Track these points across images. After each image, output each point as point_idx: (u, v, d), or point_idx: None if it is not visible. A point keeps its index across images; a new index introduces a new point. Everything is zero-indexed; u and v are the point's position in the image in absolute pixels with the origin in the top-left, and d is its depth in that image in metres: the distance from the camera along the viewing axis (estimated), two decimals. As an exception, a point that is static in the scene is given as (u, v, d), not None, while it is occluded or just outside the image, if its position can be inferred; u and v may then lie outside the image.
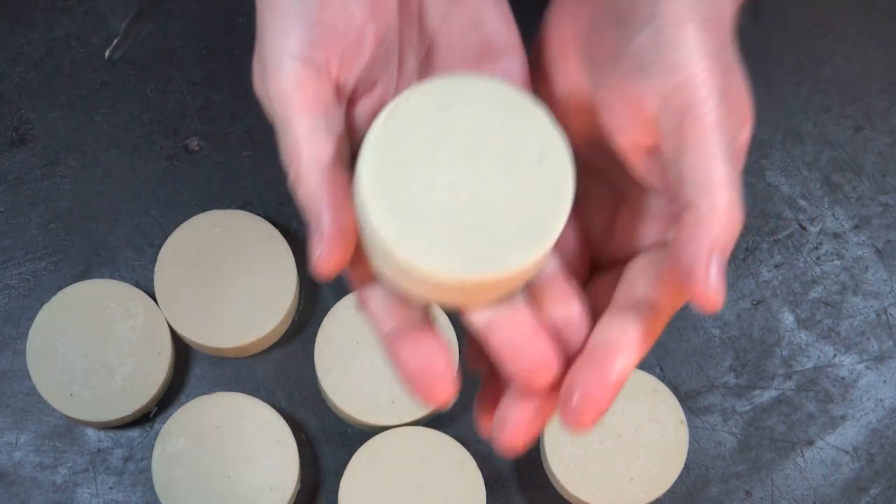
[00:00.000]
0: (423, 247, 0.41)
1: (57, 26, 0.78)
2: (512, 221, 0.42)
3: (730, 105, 0.42)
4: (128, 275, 0.75)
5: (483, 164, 0.42)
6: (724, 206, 0.41)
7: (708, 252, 0.41)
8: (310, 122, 0.42)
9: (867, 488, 0.73)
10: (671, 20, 0.42)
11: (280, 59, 0.43)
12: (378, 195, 0.41)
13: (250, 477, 0.70)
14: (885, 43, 0.81)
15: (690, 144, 0.41)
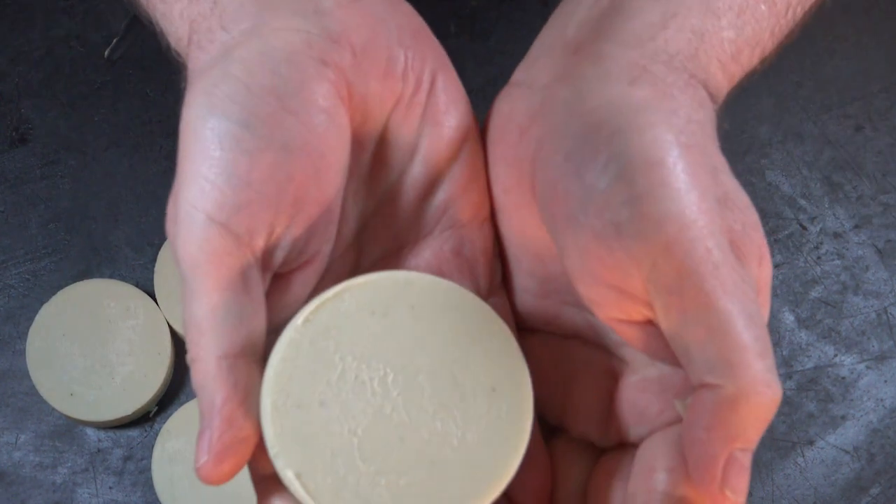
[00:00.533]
0: (326, 496, 0.34)
1: (57, 26, 0.78)
2: (439, 476, 0.34)
3: (739, 247, 0.34)
4: (128, 274, 0.75)
5: (416, 392, 0.35)
6: (752, 384, 0.32)
7: (729, 446, 0.33)
8: (218, 302, 0.35)
9: (867, 488, 0.73)
10: (642, 160, 0.33)
11: (193, 216, 0.35)
12: (277, 424, 0.34)
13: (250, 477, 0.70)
14: (885, 42, 0.81)
15: (695, 317, 0.33)
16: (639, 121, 0.34)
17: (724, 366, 0.32)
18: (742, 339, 0.32)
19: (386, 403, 0.35)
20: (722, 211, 0.34)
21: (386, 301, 0.35)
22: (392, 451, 0.34)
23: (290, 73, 0.35)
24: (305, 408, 0.35)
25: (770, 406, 0.33)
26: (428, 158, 0.39)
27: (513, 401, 0.35)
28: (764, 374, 0.32)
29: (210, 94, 0.35)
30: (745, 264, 0.34)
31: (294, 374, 0.35)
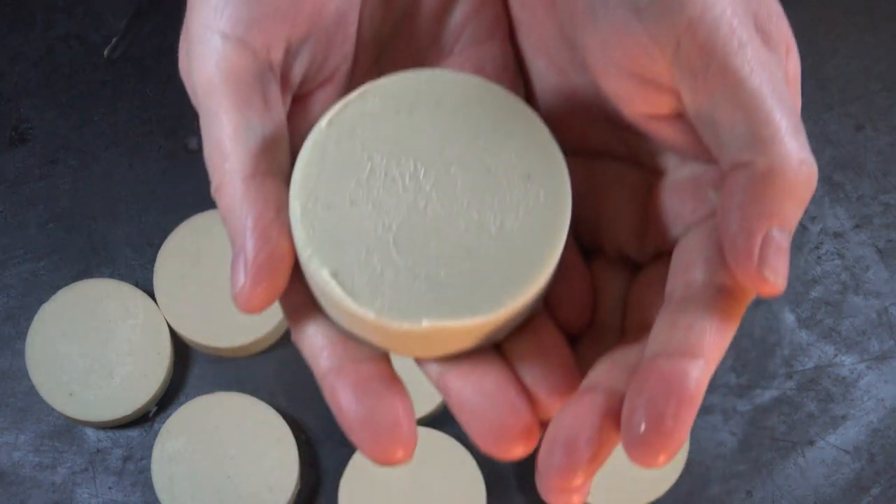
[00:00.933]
0: (364, 293, 0.33)
1: (56, 25, 0.78)
2: (479, 265, 0.33)
3: (766, 31, 0.33)
4: (127, 274, 0.75)
5: (449, 185, 0.34)
6: (786, 158, 0.31)
7: (766, 223, 0.31)
8: (239, 121, 0.33)
9: (868, 488, 0.73)
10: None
11: (208, 37, 0.33)
12: (308, 226, 0.33)
13: (250, 477, 0.70)
14: (886, 42, 0.80)
15: (723, 96, 0.31)
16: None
17: (756, 141, 0.31)
18: (773, 115, 0.31)
19: (419, 197, 0.33)
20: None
21: (411, 98, 0.34)
22: (429, 243, 0.33)
23: None
24: (336, 208, 0.33)
25: (806, 182, 0.31)
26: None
27: (549, 187, 0.34)
28: (798, 150, 0.31)
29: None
30: (772, 49, 0.33)
31: (321, 176, 0.33)
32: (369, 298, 0.32)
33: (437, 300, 0.33)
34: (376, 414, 0.33)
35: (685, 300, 0.32)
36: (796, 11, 0.82)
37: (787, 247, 0.32)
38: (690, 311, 0.32)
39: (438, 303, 0.33)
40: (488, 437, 0.33)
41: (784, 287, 0.32)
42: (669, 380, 0.31)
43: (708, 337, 0.32)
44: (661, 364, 0.31)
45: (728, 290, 0.32)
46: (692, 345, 0.31)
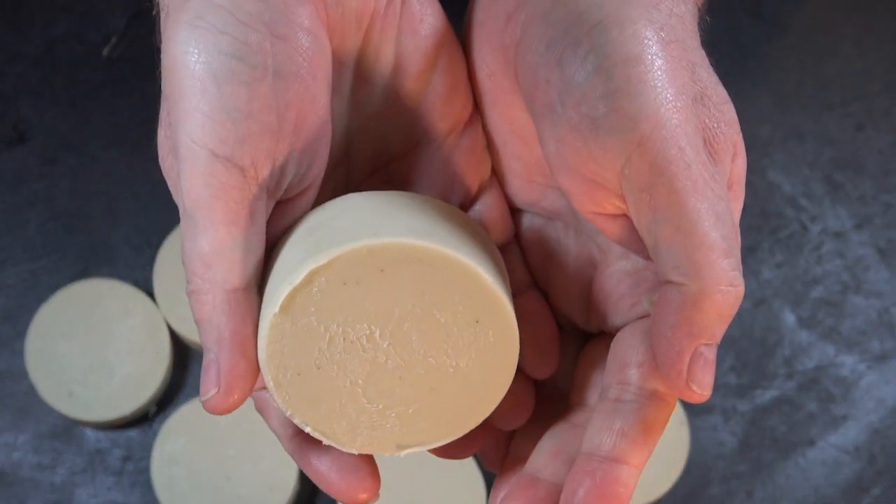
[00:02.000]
0: (346, 436, 0.37)
1: (55, 25, 0.78)
2: (442, 398, 0.37)
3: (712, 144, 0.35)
4: (127, 274, 0.74)
5: (404, 340, 0.36)
6: (716, 284, 0.33)
7: (694, 343, 0.34)
8: (225, 237, 0.35)
9: (868, 488, 0.73)
10: (621, 55, 0.33)
11: (196, 152, 0.35)
12: (283, 392, 0.37)
13: (250, 477, 0.70)
14: (886, 42, 0.80)
15: (665, 216, 0.33)
16: (620, 14, 0.34)
17: (688, 264, 0.33)
18: (708, 239, 0.33)
19: (378, 354, 0.36)
20: (697, 109, 0.34)
21: (354, 271, 0.36)
22: (394, 388, 0.37)
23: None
24: (305, 374, 0.36)
25: (733, 303, 0.34)
26: (408, 70, 0.39)
27: (498, 327, 0.37)
28: (727, 272, 0.33)
29: (195, 26, 0.35)
30: (717, 161, 0.35)
31: (285, 351, 0.36)
32: (350, 438, 0.37)
33: (409, 433, 0.37)
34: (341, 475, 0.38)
35: (620, 402, 0.36)
36: (797, 12, 0.82)
37: (713, 359, 0.34)
38: (624, 417, 0.36)
39: (410, 435, 0.37)
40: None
41: (708, 396, 0.35)
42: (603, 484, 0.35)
43: (637, 446, 0.36)
44: (595, 467, 0.36)
45: (658, 395, 0.36)
46: (623, 452, 0.36)
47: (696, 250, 0.33)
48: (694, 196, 0.33)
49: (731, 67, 0.79)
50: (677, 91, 0.34)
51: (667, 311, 0.34)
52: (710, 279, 0.33)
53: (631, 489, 0.36)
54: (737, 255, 0.34)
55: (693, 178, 0.34)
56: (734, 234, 0.34)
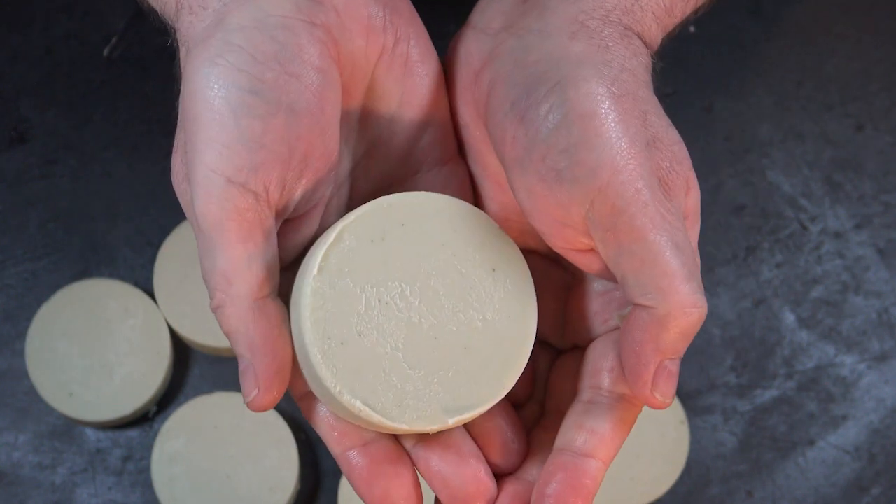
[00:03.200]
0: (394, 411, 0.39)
1: (56, 25, 0.78)
2: (477, 358, 0.39)
3: (666, 182, 0.39)
4: (127, 274, 0.74)
5: (433, 295, 0.39)
6: (679, 307, 0.38)
7: (659, 358, 0.38)
8: (242, 254, 0.39)
9: (868, 488, 0.73)
10: (578, 112, 0.38)
11: (213, 179, 0.38)
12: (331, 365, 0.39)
13: (250, 477, 0.70)
14: (886, 42, 0.80)
15: (629, 249, 0.38)
16: (575, 75, 0.38)
17: (654, 291, 0.37)
18: (670, 267, 0.37)
19: (412, 314, 0.39)
20: (650, 152, 0.38)
21: (379, 227, 0.39)
22: (432, 351, 0.39)
23: (286, 39, 0.39)
24: (349, 343, 0.39)
25: (696, 323, 0.38)
26: (413, 104, 0.43)
27: (513, 275, 0.40)
28: (690, 296, 0.38)
29: (215, 63, 0.38)
30: (672, 197, 0.39)
31: (328, 318, 0.39)
32: (399, 414, 0.39)
33: (453, 398, 0.39)
34: (390, 493, 0.40)
35: (592, 404, 0.40)
36: (797, 12, 0.82)
37: (676, 371, 0.38)
38: (595, 417, 0.40)
39: (455, 400, 0.39)
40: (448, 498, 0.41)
41: (671, 403, 0.39)
42: (573, 476, 0.39)
43: (606, 443, 0.40)
44: (567, 461, 0.39)
45: (626, 399, 0.40)
46: (593, 448, 0.39)
47: (660, 278, 0.37)
48: (653, 231, 0.37)
49: (731, 67, 0.79)
50: (630, 139, 0.38)
51: (636, 329, 0.38)
52: (675, 303, 0.38)
53: (598, 481, 0.39)
54: (697, 278, 0.38)
55: (650, 214, 0.37)
56: (693, 259, 0.39)
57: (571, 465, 0.39)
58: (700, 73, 0.79)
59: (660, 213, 0.38)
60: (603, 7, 0.40)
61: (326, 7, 0.40)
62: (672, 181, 0.39)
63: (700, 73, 0.79)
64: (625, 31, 0.40)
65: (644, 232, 0.37)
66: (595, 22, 0.40)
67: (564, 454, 0.40)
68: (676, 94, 0.78)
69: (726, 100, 0.79)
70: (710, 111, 0.79)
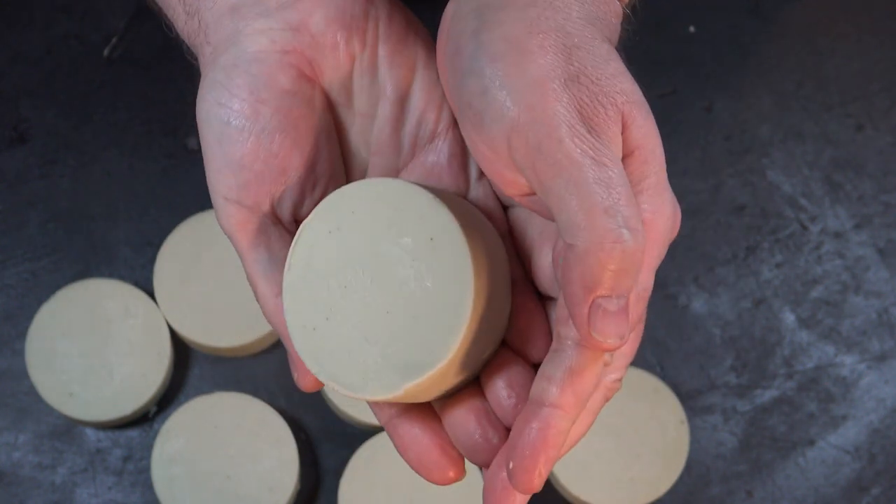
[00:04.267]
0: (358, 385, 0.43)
1: (56, 25, 0.78)
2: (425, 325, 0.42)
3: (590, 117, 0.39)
4: (127, 274, 0.75)
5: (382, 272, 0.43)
6: (598, 241, 0.38)
7: (589, 294, 0.38)
8: (255, 258, 0.44)
9: (868, 488, 0.73)
10: (490, 55, 0.39)
11: (216, 199, 0.44)
12: (308, 348, 0.43)
13: (250, 477, 0.70)
14: (886, 42, 0.80)
15: (548, 186, 0.38)
16: (492, 19, 0.40)
17: (573, 227, 0.38)
18: (587, 202, 0.38)
19: (366, 294, 0.43)
20: (571, 88, 0.39)
21: (335, 218, 0.44)
22: (384, 324, 0.43)
23: (259, 70, 0.44)
24: (319, 328, 0.43)
25: (620, 257, 0.38)
26: (392, 96, 0.46)
27: (449, 243, 0.42)
28: (610, 230, 0.37)
29: (205, 99, 0.45)
30: (599, 133, 0.39)
31: (302, 309, 0.43)
32: (362, 386, 0.43)
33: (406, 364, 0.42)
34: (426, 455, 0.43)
35: (555, 352, 0.41)
36: (796, 12, 0.82)
37: (615, 310, 0.38)
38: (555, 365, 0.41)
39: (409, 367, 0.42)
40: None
41: (620, 345, 0.38)
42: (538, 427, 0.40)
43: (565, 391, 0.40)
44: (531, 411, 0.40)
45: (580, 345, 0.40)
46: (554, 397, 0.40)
47: (576, 213, 0.38)
48: (570, 166, 0.38)
49: (731, 67, 0.79)
50: (543, 76, 0.38)
51: (566, 270, 0.39)
52: (593, 238, 0.37)
53: (561, 430, 0.40)
54: (624, 212, 0.38)
55: (566, 150, 0.38)
56: (621, 194, 0.38)
57: (534, 416, 0.40)
58: (700, 73, 0.79)
59: (578, 149, 0.38)
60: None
61: (302, 34, 0.44)
62: (598, 117, 0.39)
63: (700, 73, 0.79)
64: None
65: (559, 168, 0.38)
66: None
67: (531, 405, 0.41)
68: (676, 94, 0.78)
69: (726, 100, 0.79)
70: (710, 111, 0.79)
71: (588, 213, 0.38)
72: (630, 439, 0.71)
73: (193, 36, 0.46)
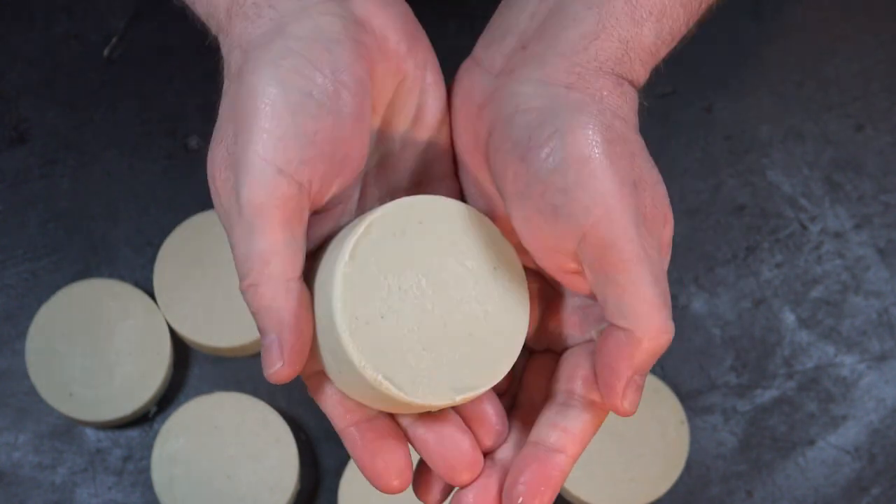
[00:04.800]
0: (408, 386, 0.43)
1: (56, 25, 0.78)
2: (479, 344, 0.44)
3: (649, 220, 0.43)
4: (127, 274, 0.75)
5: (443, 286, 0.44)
6: (653, 332, 0.43)
7: (631, 373, 0.43)
8: (284, 237, 0.43)
9: (868, 488, 0.73)
10: (575, 157, 0.42)
11: (263, 167, 0.42)
12: (358, 341, 0.43)
13: (250, 477, 0.70)
14: (885, 42, 0.80)
15: (614, 278, 0.42)
16: (573, 122, 0.43)
17: (632, 315, 0.42)
18: (648, 296, 0.42)
19: (426, 301, 0.44)
20: (636, 192, 0.43)
21: (401, 223, 0.44)
22: (441, 335, 0.44)
23: (338, 51, 0.43)
24: (372, 323, 0.43)
25: (664, 346, 0.43)
26: (423, 123, 0.48)
27: (511, 274, 0.46)
28: (663, 323, 0.43)
29: (277, 65, 0.43)
30: (652, 232, 0.43)
31: (355, 301, 0.43)
32: (412, 389, 0.43)
33: (459, 379, 0.44)
34: (389, 466, 0.45)
35: (566, 406, 0.45)
36: (797, 13, 0.82)
37: (642, 385, 0.44)
38: (568, 418, 0.45)
39: (460, 380, 0.44)
40: (443, 469, 0.45)
41: (634, 412, 0.44)
42: (544, 467, 0.44)
43: (575, 441, 0.45)
44: (540, 453, 0.44)
45: (596, 405, 0.45)
46: (563, 444, 0.44)
47: (639, 305, 0.42)
48: (637, 264, 0.42)
49: (731, 67, 0.79)
50: (620, 181, 0.42)
51: (612, 346, 0.43)
52: (650, 328, 0.43)
53: (565, 473, 0.44)
54: (668, 306, 0.43)
55: (635, 249, 0.42)
56: (666, 290, 0.43)
57: (543, 458, 0.44)
58: (700, 73, 0.79)
59: (643, 248, 0.42)
60: (596, 59, 0.44)
61: (368, 31, 0.45)
62: (653, 217, 0.44)
63: (700, 73, 0.79)
64: (617, 79, 0.45)
65: (629, 265, 0.42)
66: (589, 74, 0.44)
67: (538, 447, 0.45)
68: (676, 94, 0.78)
69: (726, 100, 0.79)
70: (710, 111, 0.79)
71: (649, 306, 0.42)
72: (630, 439, 0.71)
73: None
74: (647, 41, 0.45)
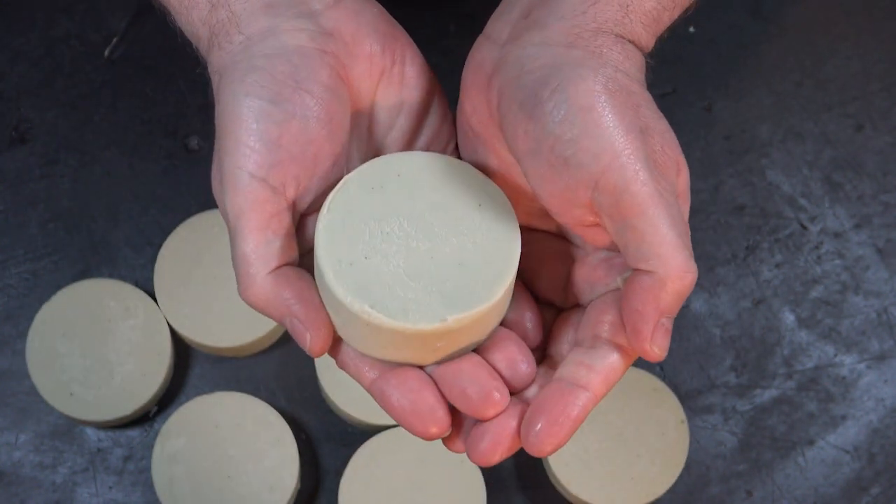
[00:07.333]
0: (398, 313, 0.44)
1: (56, 25, 0.78)
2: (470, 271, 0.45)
3: (660, 164, 0.44)
4: (127, 274, 0.75)
5: (428, 226, 0.45)
6: (677, 271, 0.43)
7: (658, 316, 0.44)
8: (260, 238, 0.45)
9: (868, 488, 0.73)
10: (579, 106, 0.44)
11: (239, 175, 0.45)
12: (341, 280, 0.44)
13: (250, 477, 0.70)
14: (885, 42, 0.81)
15: (632, 221, 0.43)
16: (575, 75, 0.44)
17: (654, 257, 0.43)
18: (668, 237, 0.43)
19: (410, 241, 0.45)
20: (644, 138, 0.44)
21: (379, 177, 0.46)
22: (429, 266, 0.45)
23: (301, 62, 0.46)
24: (356, 264, 0.44)
25: (689, 286, 0.44)
26: (411, 112, 0.50)
27: (497, 208, 0.46)
28: (685, 262, 0.43)
29: (242, 81, 0.46)
30: (664, 176, 0.44)
31: (338, 245, 0.45)
32: (402, 315, 0.44)
33: (451, 302, 0.44)
34: (419, 400, 0.45)
35: (592, 348, 0.46)
36: (796, 12, 0.82)
37: (670, 328, 0.44)
38: (594, 357, 0.46)
39: (454, 302, 0.44)
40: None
41: (664, 356, 0.44)
42: (567, 399, 0.45)
43: (600, 380, 0.45)
44: (564, 387, 0.45)
45: (623, 349, 0.46)
46: (588, 381, 0.45)
47: (659, 247, 0.43)
48: (652, 205, 0.43)
49: (731, 67, 0.79)
50: (626, 127, 0.44)
51: (637, 290, 0.44)
52: (673, 268, 0.43)
53: (587, 410, 0.45)
54: (689, 247, 0.44)
55: (649, 191, 0.43)
56: (686, 231, 0.44)
57: (567, 391, 0.45)
58: (700, 73, 0.79)
59: (657, 191, 0.43)
60: (595, 21, 0.46)
61: (336, 39, 0.47)
62: (664, 162, 0.44)
63: (700, 73, 0.79)
64: (617, 38, 0.46)
65: (644, 207, 0.43)
66: (588, 33, 0.46)
67: (563, 382, 0.45)
68: (676, 94, 0.79)
69: (726, 100, 0.79)
70: (710, 111, 0.79)
71: (669, 246, 0.43)
72: (630, 439, 0.71)
73: (218, 26, 0.48)
74: (647, 5, 0.47)
